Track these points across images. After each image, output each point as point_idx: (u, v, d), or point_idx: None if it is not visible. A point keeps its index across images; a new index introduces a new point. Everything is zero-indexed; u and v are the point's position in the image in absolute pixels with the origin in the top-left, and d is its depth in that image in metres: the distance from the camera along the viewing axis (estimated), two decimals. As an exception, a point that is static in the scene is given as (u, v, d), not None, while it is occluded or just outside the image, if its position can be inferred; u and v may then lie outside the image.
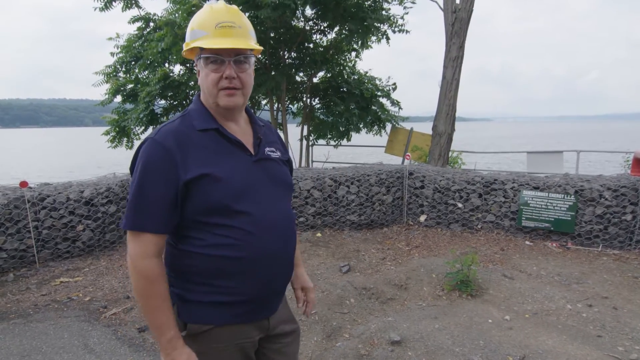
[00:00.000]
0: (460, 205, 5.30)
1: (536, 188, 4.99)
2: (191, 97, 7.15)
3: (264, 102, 9.22)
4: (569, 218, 4.78)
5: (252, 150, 1.22)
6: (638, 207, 4.50)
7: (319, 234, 5.15)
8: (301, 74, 8.65)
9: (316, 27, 7.95)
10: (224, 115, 1.21)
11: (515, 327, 3.04)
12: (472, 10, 6.82)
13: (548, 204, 4.87)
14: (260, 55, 8.43)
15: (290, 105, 9.39)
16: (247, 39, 1.18)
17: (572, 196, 4.77)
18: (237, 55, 1.15)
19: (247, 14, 7.39)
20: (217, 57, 1.14)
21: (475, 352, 2.71)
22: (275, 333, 1.31)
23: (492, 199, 5.19)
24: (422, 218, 5.50)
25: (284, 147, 1.40)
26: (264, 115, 9.32)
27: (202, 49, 1.15)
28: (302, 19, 7.73)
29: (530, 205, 4.96)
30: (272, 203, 1.21)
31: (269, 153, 1.27)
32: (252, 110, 1.36)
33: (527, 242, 4.90)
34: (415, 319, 3.18)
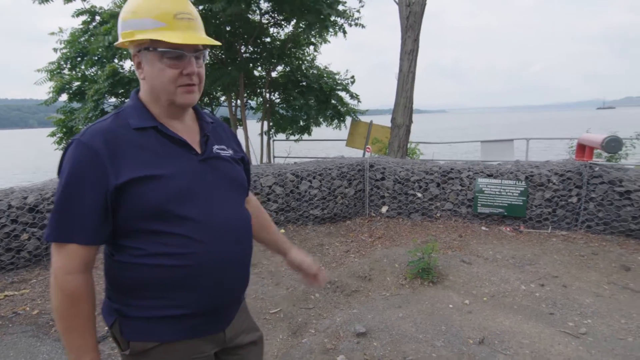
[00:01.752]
0: (419, 195, 5.42)
1: (490, 175, 5.19)
2: None
3: (222, 98, 9.00)
4: (521, 203, 5.02)
5: (198, 149, 1.14)
6: (582, 190, 4.79)
7: (282, 230, 5.10)
8: (259, 69, 8.51)
9: (273, 20, 7.83)
10: (173, 113, 1.12)
11: (474, 311, 3.15)
12: (425, 4, 6.96)
13: (501, 190, 5.09)
14: (216, 50, 8.22)
15: (249, 101, 9.23)
16: (204, 32, 1.12)
17: (523, 182, 5.00)
18: (198, 51, 1.08)
19: (200, 7, 7.16)
20: (178, 52, 1.04)
21: (438, 338, 2.79)
22: (233, 345, 1.23)
23: (449, 188, 5.35)
24: (384, 209, 5.58)
25: (238, 144, 1.33)
26: (222, 111, 9.11)
27: (152, 41, 1.04)
28: (259, 12, 7.59)
29: (485, 192, 5.15)
30: (222, 205, 1.13)
31: (218, 151, 1.19)
32: (205, 107, 1.28)
33: (483, 228, 5.10)
34: (379, 309, 3.22)
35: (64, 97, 8.22)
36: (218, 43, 1.13)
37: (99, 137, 1.01)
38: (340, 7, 7.21)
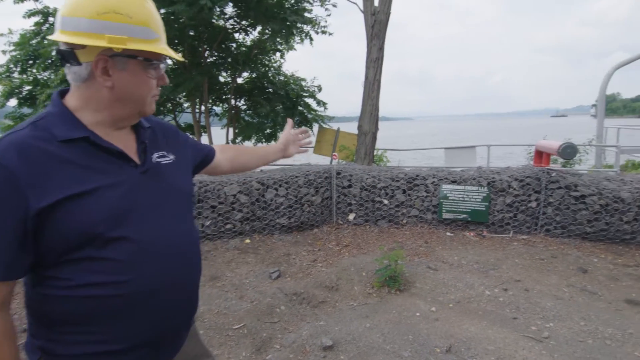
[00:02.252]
0: (386, 201, 5.43)
1: (454, 182, 5.28)
2: None
3: (185, 104, 8.74)
4: (484, 208, 5.13)
5: (136, 160, 1.02)
6: (541, 195, 4.95)
7: (247, 241, 4.96)
8: (225, 74, 8.34)
9: (238, 26, 7.71)
10: (123, 122, 1.02)
11: (441, 318, 3.14)
12: (389, 13, 7.06)
13: (465, 196, 5.18)
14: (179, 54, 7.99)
15: (214, 107, 9.02)
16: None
17: (485, 188, 5.12)
18: (163, 62, 1.04)
19: (161, 11, 6.93)
20: (161, 63, 1.01)
21: (405, 348, 2.75)
22: None
23: (415, 194, 5.40)
24: (351, 217, 5.55)
25: (182, 144, 1.21)
26: (186, 117, 8.84)
27: (139, 50, 0.96)
28: (223, 17, 7.44)
29: (449, 198, 5.23)
30: (165, 222, 1.02)
31: (157, 160, 1.07)
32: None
33: (448, 234, 5.16)
34: (346, 320, 3.15)
35: (13, 102, 7.72)
36: (179, 58, 1.08)
37: (13, 152, 0.86)
38: (307, 15, 7.19)
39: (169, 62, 1.05)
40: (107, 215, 0.91)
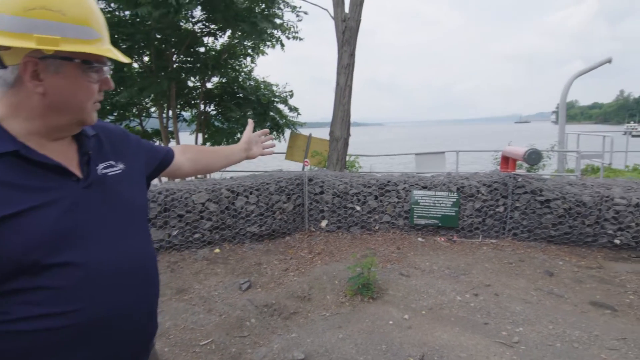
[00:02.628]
0: (358, 208, 5.41)
1: (425, 187, 5.32)
2: None
3: (152, 109, 8.46)
4: (454, 213, 5.19)
5: (78, 173, 0.91)
6: (508, 199, 5.07)
7: (217, 250, 4.80)
8: (193, 79, 8.14)
9: (206, 30, 7.54)
10: (61, 132, 0.90)
11: (413, 326, 3.12)
12: (360, 20, 7.10)
13: (435, 201, 5.23)
14: (146, 58, 7.74)
15: (182, 112, 8.77)
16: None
17: (455, 193, 5.19)
18: (107, 66, 0.94)
19: (125, 13, 6.69)
20: (104, 66, 0.91)
21: (378, 358, 2.70)
22: None
23: (387, 200, 5.40)
24: (324, 223, 5.49)
25: (134, 149, 1.10)
26: (153, 123, 8.55)
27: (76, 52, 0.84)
28: (191, 20, 7.26)
29: (421, 203, 5.27)
30: (114, 241, 0.91)
31: (104, 171, 0.96)
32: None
33: (419, 239, 5.19)
34: (319, 331, 3.07)
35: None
36: (129, 61, 0.97)
37: None
38: (277, 20, 7.13)
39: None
40: (44, 239, 0.80)
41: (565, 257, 4.48)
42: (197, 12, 6.88)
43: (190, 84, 8.38)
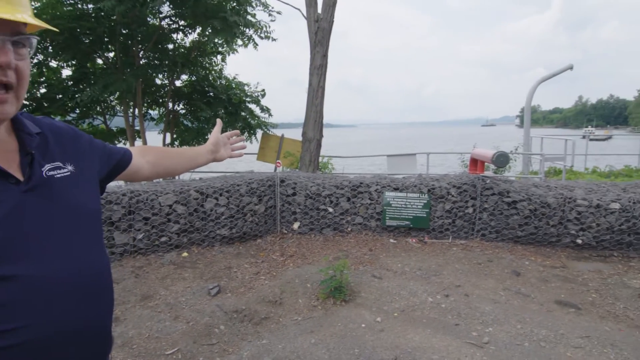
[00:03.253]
0: (331, 209, 5.37)
1: (396, 189, 5.35)
2: None
3: (117, 107, 8.12)
4: (425, 215, 5.24)
5: (18, 175, 0.80)
6: (477, 201, 5.17)
7: (185, 254, 4.63)
8: (161, 77, 7.87)
9: (175, 26, 7.31)
10: None
11: (386, 329, 3.10)
12: (332, 21, 7.08)
13: (407, 203, 5.26)
14: (110, 54, 7.39)
15: (149, 111, 8.47)
16: (27, 9, 0.77)
17: (426, 195, 5.24)
18: (17, 34, 0.74)
19: (89, 6, 6.39)
20: None
21: (351, 363, 2.65)
22: None
23: (359, 202, 5.39)
24: (296, 225, 5.42)
25: (86, 150, 0.98)
26: (118, 121, 8.20)
27: None
28: (158, 16, 7.01)
29: (393, 205, 5.29)
30: (61, 251, 0.82)
31: (50, 173, 0.86)
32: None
33: (391, 240, 5.21)
34: (291, 336, 3.00)
35: None
36: (48, 26, 0.79)
37: None
38: (249, 18, 7.00)
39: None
40: None
41: (531, 257, 4.61)
42: (165, 7, 6.65)
43: (158, 81, 8.10)
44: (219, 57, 8.42)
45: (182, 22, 7.10)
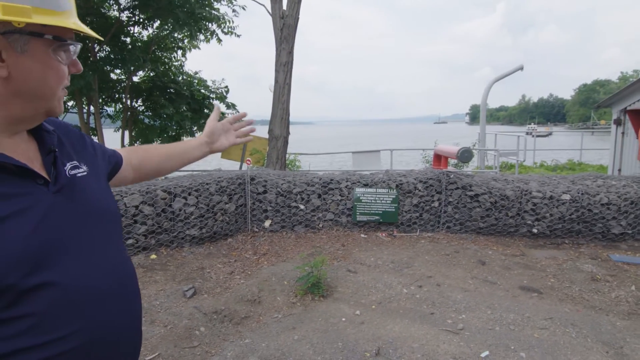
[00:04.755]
0: (302, 207, 5.39)
1: (366, 185, 5.46)
2: None
3: (70, 103, 7.63)
4: (393, 209, 5.40)
5: (45, 175, 0.77)
6: (442, 195, 5.39)
7: (153, 256, 4.47)
8: (118, 72, 7.49)
9: (134, 19, 6.97)
10: (19, 127, 0.75)
11: (366, 321, 3.18)
12: (298, 18, 7.07)
13: (376, 198, 5.39)
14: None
15: (105, 107, 8.04)
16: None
17: (395, 190, 5.40)
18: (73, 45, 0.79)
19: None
20: (75, 44, 0.77)
21: (336, 357, 2.70)
22: None
23: (330, 198, 5.45)
24: (267, 223, 5.39)
25: (92, 150, 0.96)
26: (71, 118, 7.72)
27: (44, 26, 0.70)
28: (117, 8, 6.66)
29: (363, 201, 5.40)
30: (93, 255, 0.79)
31: (72, 172, 0.82)
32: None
33: (362, 235, 5.32)
34: (273, 334, 3.00)
35: None
36: (101, 39, 0.89)
37: None
38: (214, 13, 6.83)
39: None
40: (20, 257, 0.66)
41: (493, 247, 4.89)
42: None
43: (113, 76, 7.70)
44: (179, 52, 8.15)
45: (142, 15, 6.78)
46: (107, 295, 0.79)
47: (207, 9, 6.40)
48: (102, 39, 0.86)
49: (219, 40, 7.44)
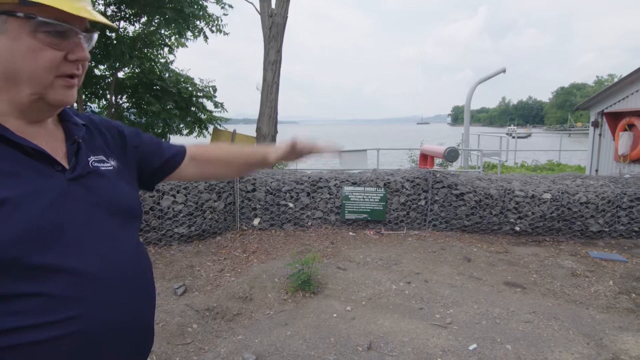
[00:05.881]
0: (291, 205, 5.42)
1: (354, 183, 5.53)
2: None
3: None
4: (381, 208, 5.48)
5: (65, 163, 0.79)
6: (429, 194, 5.50)
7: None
8: (102, 67, 7.35)
9: (120, 14, 6.86)
10: (32, 113, 0.77)
11: (357, 317, 3.23)
12: (287, 16, 7.09)
13: (365, 197, 5.46)
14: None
15: (89, 104, 7.88)
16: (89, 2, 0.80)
17: (382, 188, 5.48)
18: (88, 31, 0.78)
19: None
20: (66, 26, 0.73)
21: (329, 351, 2.75)
22: None
23: (319, 197, 5.50)
24: (256, 221, 5.40)
25: (130, 145, 0.98)
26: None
27: (26, 4, 0.68)
28: (103, 2, 6.54)
29: (351, 199, 5.46)
30: (109, 244, 0.81)
31: (95, 165, 0.85)
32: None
33: (350, 233, 5.38)
34: (266, 330, 3.02)
35: None
36: (114, 26, 0.85)
37: None
38: (202, 12, 6.78)
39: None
40: (23, 234, 0.68)
41: (478, 244, 5.02)
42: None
43: (97, 72, 7.56)
44: (166, 49, 8.05)
45: (128, 10, 6.68)
46: (119, 285, 0.80)
47: (196, 7, 6.35)
48: (107, 22, 0.79)
49: (206, 38, 7.40)
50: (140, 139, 1.03)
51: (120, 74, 7.78)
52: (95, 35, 0.81)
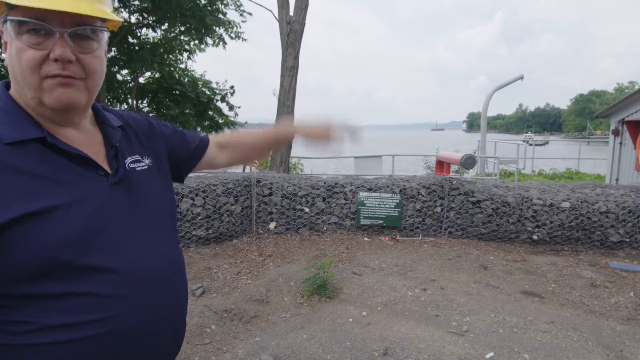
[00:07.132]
0: (307, 209, 5.46)
1: (370, 189, 5.55)
2: None
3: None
4: (397, 214, 5.48)
5: (107, 167, 0.83)
6: (445, 200, 5.48)
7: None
8: (124, 73, 7.56)
9: (144, 21, 7.06)
10: (55, 118, 0.78)
11: (373, 322, 3.25)
12: (304, 24, 7.19)
13: (380, 202, 5.48)
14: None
15: (110, 108, 8.12)
16: (99, 2, 0.77)
17: (398, 195, 5.48)
18: (78, 26, 0.73)
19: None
20: (39, 23, 0.70)
21: (345, 355, 2.77)
22: None
23: (334, 202, 5.53)
24: (272, 225, 5.46)
25: (159, 140, 1.01)
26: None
27: (8, 6, 0.70)
28: (127, 10, 6.75)
29: (366, 205, 5.48)
30: (146, 245, 0.84)
31: (132, 166, 0.89)
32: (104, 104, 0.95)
33: (365, 239, 5.40)
34: (282, 333, 3.06)
35: None
36: (107, 15, 0.76)
37: None
38: (222, 17, 6.93)
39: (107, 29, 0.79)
40: (74, 237, 0.73)
41: (495, 252, 4.97)
42: (136, 1, 6.41)
43: (119, 77, 7.77)
44: (185, 54, 8.24)
45: (151, 17, 6.88)
46: (156, 285, 0.84)
47: (217, 14, 6.50)
48: (112, 16, 0.77)
49: (225, 44, 7.55)
50: (167, 128, 1.08)
51: (141, 79, 7.99)
52: (100, 32, 0.78)
